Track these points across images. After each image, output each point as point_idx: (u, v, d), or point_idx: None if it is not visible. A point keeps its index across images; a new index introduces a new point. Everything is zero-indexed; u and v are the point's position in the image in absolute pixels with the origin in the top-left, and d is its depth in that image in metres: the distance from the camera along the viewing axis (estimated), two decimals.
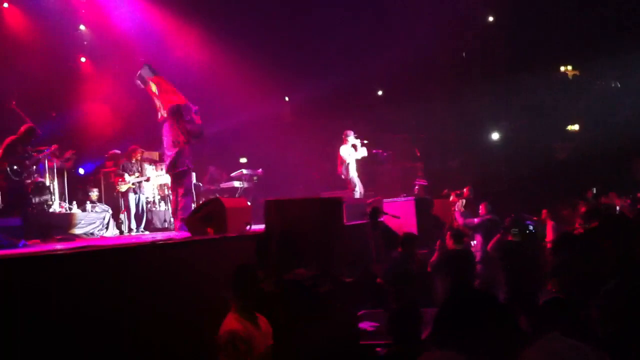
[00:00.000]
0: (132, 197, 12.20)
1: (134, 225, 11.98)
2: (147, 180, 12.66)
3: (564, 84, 22.17)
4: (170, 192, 12.44)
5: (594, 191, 13.96)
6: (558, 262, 3.93)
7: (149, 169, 12.82)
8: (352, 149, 13.13)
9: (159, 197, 13.25)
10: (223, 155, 16.38)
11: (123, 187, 12.17)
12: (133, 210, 12.10)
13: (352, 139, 13.12)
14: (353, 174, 13.06)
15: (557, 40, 20.39)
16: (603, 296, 3.25)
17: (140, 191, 12.36)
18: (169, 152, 10.08)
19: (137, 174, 12.37)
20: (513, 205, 13.16)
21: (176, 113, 10.23)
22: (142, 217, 12.27)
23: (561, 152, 21.96)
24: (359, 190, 13.02)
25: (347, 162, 13.06)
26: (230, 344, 4.33)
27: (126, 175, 12.17)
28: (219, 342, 4.38)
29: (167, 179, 12.62)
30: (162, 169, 13.10)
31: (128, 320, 4.92)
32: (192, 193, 10.71)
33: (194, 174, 11.86)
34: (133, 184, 12.22)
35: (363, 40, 18.40)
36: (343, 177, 13.19)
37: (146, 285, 5.25)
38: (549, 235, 12.00)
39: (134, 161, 12.41)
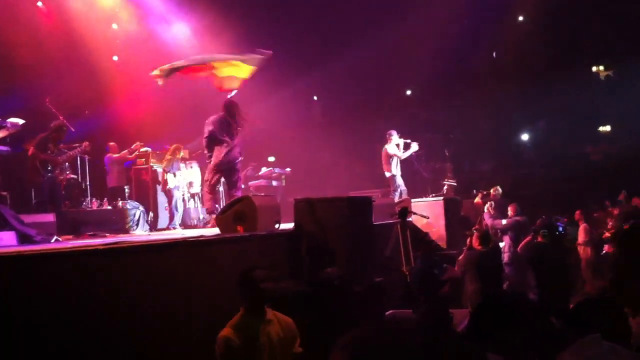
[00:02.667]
0: (178, 194, 12.45)
1: (177, 220, 12.17)
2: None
3: (597, 85, 21.88)
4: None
5: (626, 193, 13.77)
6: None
7: (181, 167, 12.97)
8: (396, 147, 13.04)
9: (189, 194, 13.35)
10: (251, 154, 16.45)
11: (171, 185, 12.51)
12: (181, 207, 12.32)
13: (395, 138, 13.05)
14: (396, 172, 12.96)
15: (589, 40, 20.14)
16: None
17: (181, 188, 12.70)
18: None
19: (180, 172, 12.74)
20: (545, 207, 13.06)
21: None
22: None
23: (594, 154, 21.69)
24: (400, 190, 12.90)
25: (391, 161, 12.97)
26: (219, 351, 4.33)
27: (177, 173, 12.54)
28: (216, 346, 4.37)
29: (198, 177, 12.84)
30: (191, 166, 13.21)
31: (158, 317, 4.96)
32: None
33: None
34: (183, 181, 12.53)
35: (394, 39, 18.32)
36: (387, 176, 13.12)
37: (176, 281, 5.29)
38: (581, 237, 11.89)
39: (178, 158, 12.65)
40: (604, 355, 2.38)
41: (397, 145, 13.03)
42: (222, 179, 10.63)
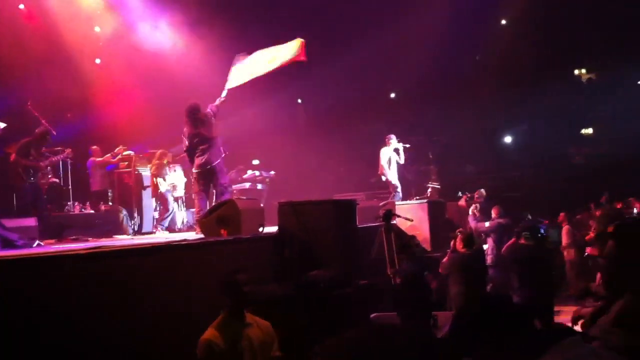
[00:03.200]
0: (170, 198, 12.47)
1: (167, 223, 12.19)
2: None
3: (579, 88, 22.07)
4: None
5: (607, 196, 13.88)
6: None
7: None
8: (394, 152, 13.11)
9: (172, 198, 13.27)
10: (236, 157, 16.40)
11: (163, 188, 12.45)
12: (172, 211, 12.28)
13: (394, 142, 13.13)
14: (393, 176, 13.04)
15: (572, 44, 20.29)
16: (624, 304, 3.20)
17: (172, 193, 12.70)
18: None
19: (170, 176, 12.69)
20: (528, 210, 13.12)
21: None
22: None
23: (577, 157, 21.86)
24: (400, 192, 13.03)
25: (389, 165, 13.04)
26: (201, 354, 4.31)
27: (166, 177, 12.51)
28: (198, 350, 4.35)
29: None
30: (174, 170, 13.16)
31: (141, 320, 4.93)
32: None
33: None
34: (170, 184, 12.56)
35: (378, 42, 18.34)
36: (384, 180, 13.18)
37: (160, 285, 5.26)
38: (564, 239, 11.95)
39: (165, 163, 12.62)
40: (584, 356, 2.39)
41: (397, 150, 13.09)
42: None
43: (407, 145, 13.36)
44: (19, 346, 4.06)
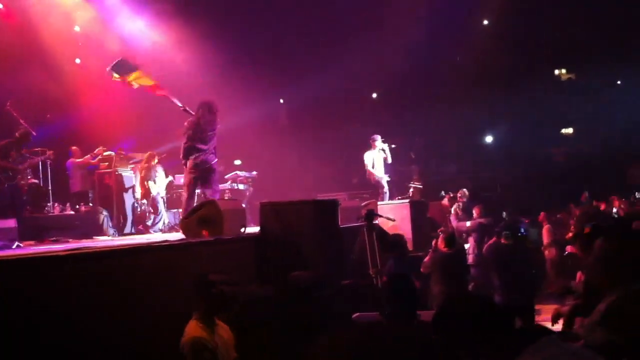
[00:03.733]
0: (161, 202, 12.55)
1: (160, 225, 12.20)
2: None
3: (559, 88, 22.26)
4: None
5: (587, 195, 14.02)
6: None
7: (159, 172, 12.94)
8: (379, 153, 13.03)
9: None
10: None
11: (154, 191, 12.53)
12: (162, 214, 12.27)
13: (379, 143, 13.08)
14: (380, 177, 13.01)
15: (552, 45, 20.47)
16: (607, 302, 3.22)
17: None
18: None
19: (160, 178, 12.75)
20: (509, 209, 13.21)
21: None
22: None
23: (557, 156, 22.05)
24: (387, 192, 12.99)
25: (374, 166, 12.99)
26: (195, 352, 4.26)
27: (157, 179, 12.61)
28: (184, 349, 4.30)
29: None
30: (157, 171, 13.10)
31: (122, 322, 4.90)
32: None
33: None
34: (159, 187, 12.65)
35: (359, 43, 18.40)
36: (372, 182, 13.13)
37: (141, 287, 5.23)
38: (545, 238, 12.05)
39: (153, 164, 12.68)
40: (562, 355, 2.40)
41: (383, 150, 13.05)
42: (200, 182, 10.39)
43: (393, 146, 13.36)
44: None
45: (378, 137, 13.15)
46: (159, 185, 12.72)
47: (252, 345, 4.97)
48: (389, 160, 13.13)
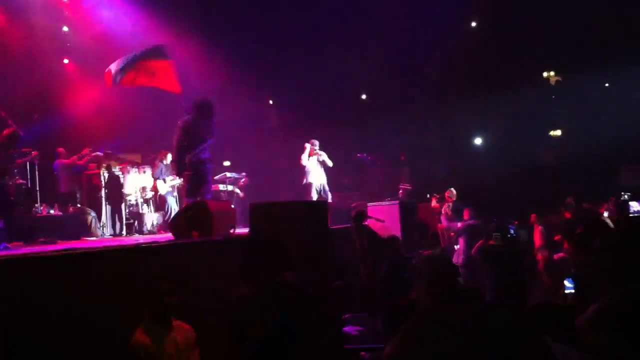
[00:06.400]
0: (171, 200, 12.50)
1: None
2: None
3: (547, 90, 22.35)
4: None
5: (572, 198, 14.03)
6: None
7: (132, 172, 12.77)
8: (314, 157, 12.72)
9: (142, 200, 13.12)
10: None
11: (163, 190, 12.50)
12: (175, 209, 12.19)
13: (316, 148, 12.81)
14: (310, 181, 12.65)
15: (540, 46, 20.54)
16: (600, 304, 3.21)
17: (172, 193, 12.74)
18: None
19: (170, 177, 12.59)
20: (498, 211, 13.22)
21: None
22: None
23: (545, 158, 22.12)
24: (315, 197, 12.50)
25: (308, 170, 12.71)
26: (131, 355, 4.36)
27: (166, 179, 12.55)
28: (127, 352, 4.39)
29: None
30: (144, 171, 13.04)
31: (112, 322, 4.86)
32: None
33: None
34: (171, 186, 12.58)
35: (348, 44, 18.41)
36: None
37: (130, 288, 5.19)
38: (537, 240, 12.06)
39: (165, 164, 12.66)
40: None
41: (318, 155, 12.75)
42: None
43: (365, 155, 13.09)
44: None
45: (315, 142, 12.88)
46: (170, 184, 12.67)
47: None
48: (329, 164, 12.78)
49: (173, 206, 12.46)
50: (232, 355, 4.95)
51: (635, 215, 12.32)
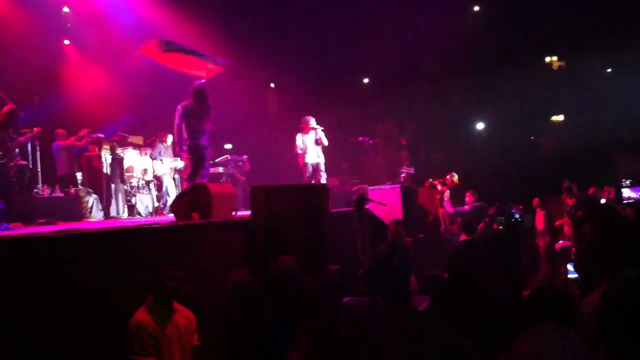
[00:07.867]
0: (167, 180, 12.54)
1: (167, 206, 12.11)
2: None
3: (549, 75, 22.27)
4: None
5: (568, 183, 14.00)
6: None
7: (133, 153, 12.71)
8: (311, 136, 12.52)
9: (144, 182, 13.08)
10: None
11: (159, 171, 12.50)
12: (174, 193, 12.20)
13: (313, 124, 12.58)
14: (306, 162, 12.40)
15: (543, 31, 20.45)
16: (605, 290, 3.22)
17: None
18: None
19: (170, 159, 12.68)
20: (497, 197, 13.21)
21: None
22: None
23: (546, 144, 22.09)
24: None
25: (305, 150, 12.52)
26: (134, 335, 4.38)
27: (164, 160, 12.55)
28: (127, 331, 4.42)
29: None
30: (146, 154, 13.00)
31: (112, 304, 4.87)
32: None
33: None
34: (170, 168, 12.62)
35: (350, 28, 18.32)
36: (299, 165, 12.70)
37: (131, 269, 5.20)
38: (540, 225, 12.06)
39: (164, 145, 12.71)
40: (560, 339, 2.39)
41: (316, 132, 12.53)
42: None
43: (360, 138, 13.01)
44: None
45: (311, 119, 12.63)
46: (169, 166, 12.65)
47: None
48: (325, 143, 12.56)
49: (170, 188, 12.45)
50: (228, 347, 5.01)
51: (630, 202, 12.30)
